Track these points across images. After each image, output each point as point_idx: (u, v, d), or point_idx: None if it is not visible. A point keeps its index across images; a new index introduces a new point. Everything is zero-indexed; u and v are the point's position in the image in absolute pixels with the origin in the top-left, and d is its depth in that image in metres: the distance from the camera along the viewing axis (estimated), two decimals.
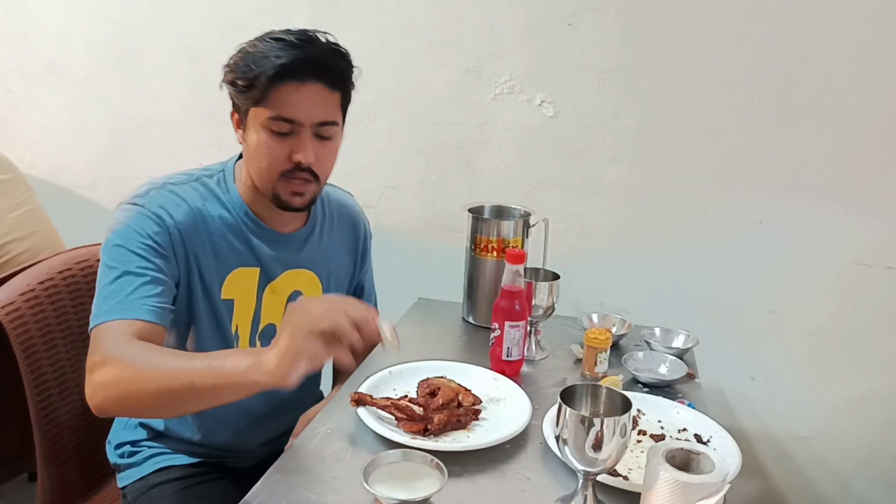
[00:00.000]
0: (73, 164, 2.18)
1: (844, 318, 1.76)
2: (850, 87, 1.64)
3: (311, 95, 1.15)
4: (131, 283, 1.09)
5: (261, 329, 1.30)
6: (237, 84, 1.16)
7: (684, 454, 0.90)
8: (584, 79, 1.76)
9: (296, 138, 1.16)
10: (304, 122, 1.15)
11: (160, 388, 0.98)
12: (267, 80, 1.12)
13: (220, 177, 1.26)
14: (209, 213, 1.21)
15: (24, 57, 2.14)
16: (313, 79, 1.14)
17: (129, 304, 1.07)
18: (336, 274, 1.41)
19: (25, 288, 1.32)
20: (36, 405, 1.30)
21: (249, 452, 1.35)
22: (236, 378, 0.95)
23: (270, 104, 1.14)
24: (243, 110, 1.18)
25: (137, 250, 1.12)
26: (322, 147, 1.19)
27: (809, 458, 1.85)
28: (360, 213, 1.49)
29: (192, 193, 1.21)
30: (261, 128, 1.16)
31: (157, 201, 1.17)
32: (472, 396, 1.21)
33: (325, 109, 1.17)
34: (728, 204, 1.75)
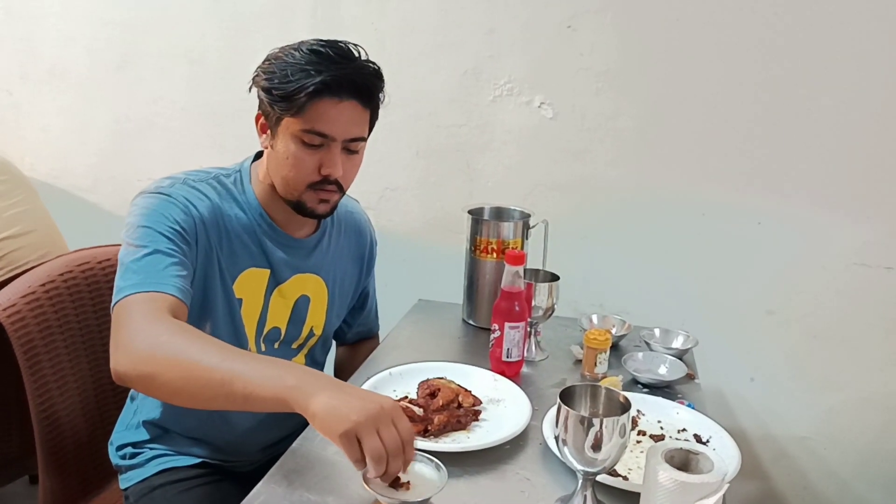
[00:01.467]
0: (74, 166, 2.18)
1: (843, 319, 1.76)
2: (850, 89, 1.64)
3: (346, 112, 1.16)
4: (161, 261, 1.09)
5: (266, 332, 1.30)
6: (273, 93, 1.15)
7: (683, 454, 0.90)
8: (583, 81, 1.77)
9: (326, 152, 1.17)
10: (337, 138, 1.16)
11: (193, 378, 0.95)
12: (307, 96, 1.12)
13: (237, 177, 1.27)
14: (226, 211, 1.22)
15: (25, 59, 2.14)
16: (350, 96, 1.15)
17: (161, 278, 1.06)
18: (342, 281, 1.41)
19: (26, 290, 1.33)
20: (37, 407, 1.30)
21: (250, 456, 1.35)
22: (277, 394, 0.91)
23: (306, 117, 1.14)
24: (274, 118, 1.17)
25: (166, 232, 1.12)
26: (349, 160, 1.20)
27: (808, 458, 1.86)
28: (367, 221, 1.50)
29: (210, 190, 1.22)
30: (292, 138, 1.16)
31: (182, 192, 1.18)
32: (472, 397, 1.22)
33: (357, 126, 1.19)
34: (727, 205, 1.76)
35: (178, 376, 0.96)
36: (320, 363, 1.47)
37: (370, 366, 1.38)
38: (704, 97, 1.71)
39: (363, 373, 1.34)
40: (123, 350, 1.01)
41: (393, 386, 1.27)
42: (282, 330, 1.33)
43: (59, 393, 1.35)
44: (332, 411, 0.88)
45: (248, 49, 1.96)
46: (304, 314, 1.34)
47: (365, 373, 1.33)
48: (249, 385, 0.93)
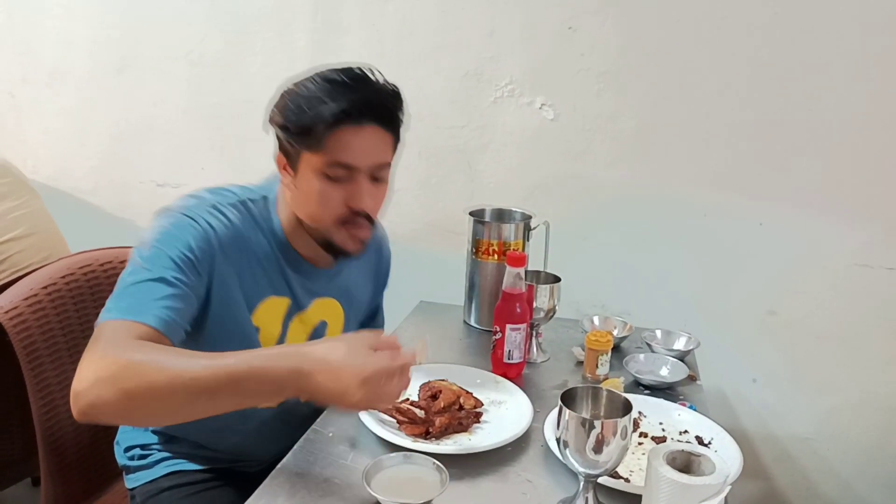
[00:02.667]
0: (75, 168, 2.19)
1: (845, 320, 1.76)
2: (850, 90, 1.64)
3: (368, 139, 1.11)
4: (160, 290, 1.02)
5: None
6: (289, 129, 1.10)
7: (685, 456, 0.90)
8: (584, 82, 1.76)
9: (352, 184, 1.11)
10: (362, 168, 1.11)
11: (176, 386, 0.90)
12: (325, 126, 1.07)
13: (263, 203, 1.21)
14: (250, 239, 1.17)
15: (26, 62, 2.14)
16: (371, 121, 1.10)
17: (149, 308, 0.99)
18: (358, 301, 1.39)
19: (28, 293, 1.33)
20: (39, 409, 1.30)
21: (259, 459, 1.35)
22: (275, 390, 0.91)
23: (326, 149, 1.08)
24: (295, 155, 1.12)
25: (176, 259, 1.06)
26: (376, 189, 1.15)
27: (810, 459, 1.85)
28: (385, 238, 1.46)
29: (235, 216, 1.16)
30: (315, 174, 1.10)
31: (206, 217, 1.12)
32: (474, 399, 1.22)
33: (381, 152, 1.14)
34: (728, 206, 1.76)
35: (161, 388, 0.90)
36: None
37: None
38: (705, 98, 1.71)
39: None
40: (82, 380, 0.92)
41: None
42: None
43: (61, 395, 1.35)
44: (336, 398, 0.91)
45: (249, 51, 1.97)
46: (321, 338, 1.32)
47: None
48: (242, 387, 0.91)
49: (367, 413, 1.15)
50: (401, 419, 1.14)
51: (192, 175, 2.11)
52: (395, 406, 1.15)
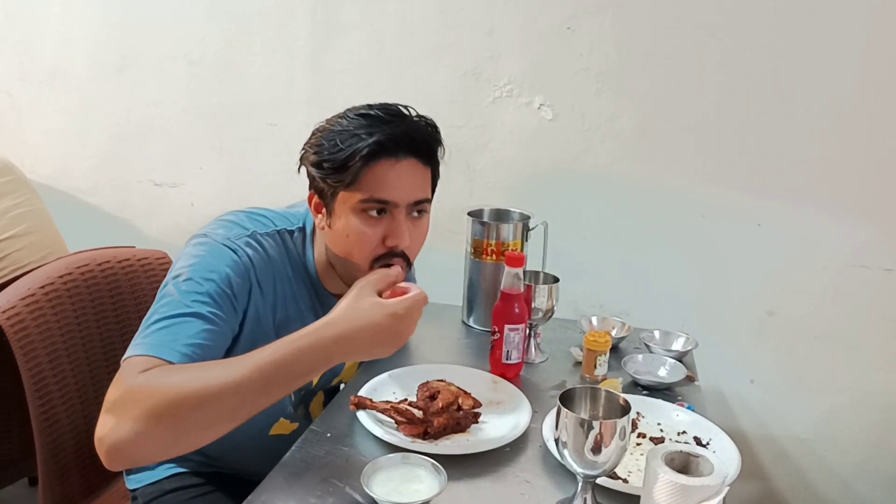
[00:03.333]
0: (75, 168, 2.18)
1: (843, 320, 1.76)
2: (848, 90, 1.64)
3: (406, 173, 1.08)
4: (195, 326, 0.98)
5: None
6: (324, 166, 1.07)
7: (683, 457, 0.90)
8: (583, 82, 1.76)
9: (390, 220, 1.08)
10: (400, 203, 1.08)
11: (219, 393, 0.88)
12: (361, 161, 1.04)
13: (300, 237, 1.19)
14: (282, 273, 1.15)
15: (25, 62, 2.14)
16: (408, 154, 1.08)
17: (178, 347, 0.95)
18: None
19: (26, 292, 1.33)
20: (37, 409, 1.30)
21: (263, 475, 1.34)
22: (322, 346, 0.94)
23: (363, 185, 1.06)
24: (329, 194, 1.09)
25: (214, 294, 1.03)
26: (415, 227, 1.12)
27: (809, 459, 1.85)
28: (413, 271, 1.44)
29: (273, 248, 1.14)
30: (351, 212, 1.08)
31: (248, 252, 1.09)
32: (472, 400, 1.22)
33: (419, 188, 1.11)
34: (727, 206, 1.76)
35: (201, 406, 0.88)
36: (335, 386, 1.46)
37: (370, 368, 1.38)
38: (704, 98, 1.71)
39: (363, 376, 1.34)
40: (106, 415, 0.88)
41: (392, 388, 1.27)
42: (314, 382, 1.30)
43: (59, 395, 1.35)
44: (382, 344, 0.98)
45: (248, 51, 1.97)
46: (338, 370, 1.33)
47: (364, 375, 1.33)
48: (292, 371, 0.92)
49: (365, 413, 1.15)
50: (399, 419, 1.14)
51: (190, 175, 2.11)
52: (393, 406, 1.15)
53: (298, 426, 1.30)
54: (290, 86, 1.94)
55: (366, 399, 1.16)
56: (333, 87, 1.91)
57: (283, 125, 1.97)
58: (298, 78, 1.92)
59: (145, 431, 0.86)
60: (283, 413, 1.27)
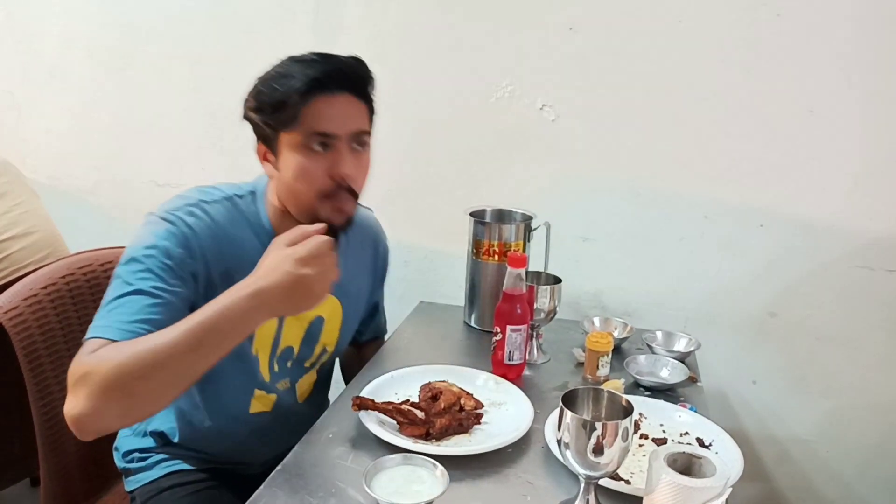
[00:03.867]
0: (76, 168, 2.18)
1: (846, 321, 1.76)
2: (851, 90, 1.64)
3: (342, 106, 1.12)
4: (137, 303, 1.04)
5: (279, 352, 1.29)
6: (264, 110, 1.12)
7: (686, 458, 0.90)
8: (585, 82, 1.76)
9: (333, 153, 1.12)
10: (341, 134, 1.12)
11: (158, 359, 0.94)
12: (299, 97, 1.09)
13: (251, 198, 1.22)
14: (237, 236, 1.18)
15: (26, 61, 2.14)
16: (343, 90, 1.12)
17: (128, 326, 1.01)
18: (356, 297, 1.39)
19: (28, 293, 1.33)
20: (38, 409, 1.30)
21: (256, 462, 1.35)
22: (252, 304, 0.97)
23: (303, 122, 1.10)
24: (273, 138, 1.14)
25: (155, 268, 1.07)
26: (357, 160, 1.15)
27: (811, 461, 1.85)
28: (381, 232, 1.46)
29: (222, 214, 1.17)
30: (295, 150, 1.12)
31: (187, 220, 1.12)
32: (474, 400, 1.22)
33: (358, 119, 1.15)
34: (729, 208, 1.75)
35: (140, 366, 0.94)
36: (329, 370, 1.47)
37: (372, 368, 1.38)
38: (706, 99, 1.71)
39: (365, 375, 1.34)
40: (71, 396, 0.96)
41: (395, 389, 1.27)
42: (294, 349, 1.31)
43: (60, 395, 1.35)
44: (297, 293, 0.98)
45: (250, 51, 1.96)
46: (317, 334, 1.33)
47: (367, 376, 1.33)
48: (221, 331, 0.96)
49: (367, 414, 1.15)
50: (401, 420, 1.14)
51: (192, 175, 2.11)
52: (395, 407, 1.15)
53: (278, 399, 1.31)
54: None
55: (368, 400, 1.16)
56: None
57: None
58: None
59: (98, 405, 0.94)
60: (254, 384, 1.27)
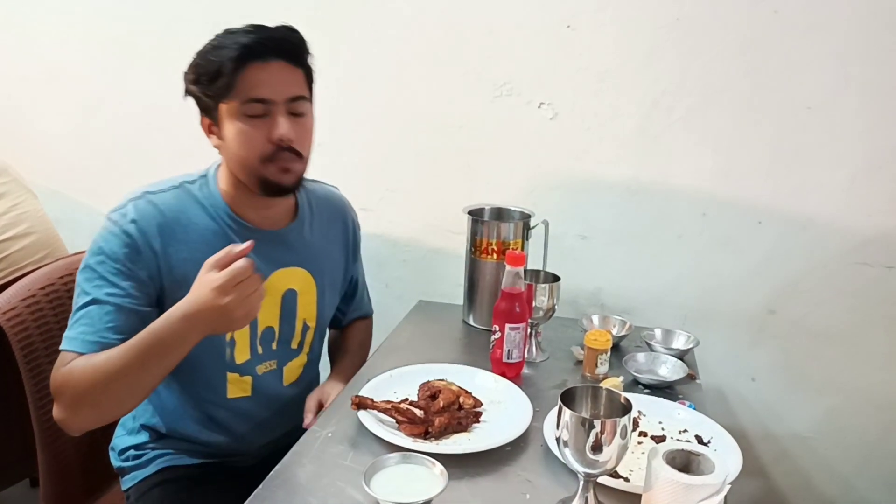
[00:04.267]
0: (74, 168, 2.18)
1: (845, 318, 1.76)
2: (849, 86, 1.64)
3: (276, 73, 1.16)
4: (97, 313, 1.12)
5: (260, 333, 1.30)
6: (201, 81, 1.17)
7: (685, 455, 0.90)
8: (583, 81, 1.76)
9: (270, 119, 1.16)
10: (277, 100, 1.16)
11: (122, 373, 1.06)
12: (232, 65, 1.13)
13: (203, 181, 1.26)
14: (191, 220, 1.21)
15: (25, 61, 2.14)
16: (275, 57, 1.16)
17: (94, 336, 1.11)
18: (330, 271, 1.41)
19: (27, 293, 1.33)
20: (37, 410, 1.30)
21: (251, 454, 1.36)
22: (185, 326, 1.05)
23: (239, 91, 1.14)
24: (213, 108, 1.18)
25: (106, 275, 1.14)
26: (297, 124, 1.19)
27: (810, 458, 1.85)
28: (348, 206, 1.49)
29: (172, 202, 1.20)
30: (235, 117, 1.16)
31: (132, 216, 1.16)
32: (473, 399, 1.22)
33: (293, 85, 1.18)
34: (727, 205, 1.75)
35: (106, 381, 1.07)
36: (317, 358, 1.47)
37: (371, 368, 1.38)
38: (704, 96, 1.71)
39: (364, 375, 1.34)
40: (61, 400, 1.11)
41: (393, 388, 1.27)
42: (276, 329, 1.32)
43: None
44: (220, 319, 1.03)
45: None
46: (293, 308, 1.34)
47: (366, 374, 1.33)
48: (162, 347, 1.06)
49: (366, 413, 1.15)
50: (400, 419, 1.14)
51: None
52: (394, 406, 1.15)
53: (256, 382, 1.32)
54: None
55: (367, 398, 1.16)
56: (331, 86, 1.90)
57: None
58: None
59: (74, 413, 1.10)
60: (225, 367, 1.28)
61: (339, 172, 1.93)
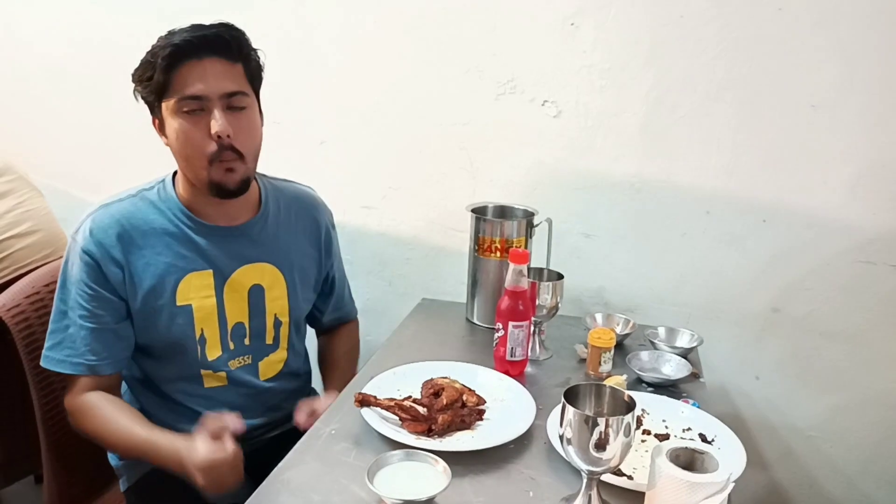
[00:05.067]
0: (80, 167, 2.18)
1: (849, 317, 1.75)
2: (854, 84, 1.63)
3: (211, 70, 1.17)
4: (76, 334, 1.21)
5: (230, 329, 1.31)
6: (143, 83, 1.19)
7: (689, 453, 0.90)
8: (586, 78, 1.76)
9: (208, 115, 1.17)
10: (211, 96, 1.16)
11: (117, 448, 1.27)
12: (165, 62, 1.14)
13: (160, 186, 1.29)
14: (149, 225, 1.24)
15: (27, 61, 2.14)
16: (209, 54, 1.17)
17: (78, 359, 1.21)
18: (300, 267, 1.41)
19: (30, 290, 1.33)
20: (41, 407, 1.31)
21: (244, 444, 1.37)
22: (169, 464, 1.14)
23: (174, 88, 1.16)
24: (157, 108, 1.20)
25: (77, 297, 1.20)
26: (237, 120, 1.19)
27: (814, 456, 1.85)
28: (320, 204, 1.49)
29: (130, 210, 1.24)
30: (174, 116, 1.18)
31: (90, 231, 1.21)
32: (476, 397, 1.22)
33: (228, 81, 1.19)
34: (731, 202, 1.75)
35: (108, 445, 1.27)
36: (302, 353, 1.48)
37: (374, 365, 1.38)
38: (708, 94, 1.71)
39: (367, 372, 1.34)
40: (70, 414, 1.26)
41: (397, 385, 1.27)
42: (245, 325, 1.33)
43: (63, 393, 1.34)
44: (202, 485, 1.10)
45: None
46: (261, 304, 1.34)
47: (369, 372, 1.33)
48: (148, 458, 1.19)
49: (370, 410, 1.15)
50: (403, 416, 1.14)
51: None
52: (397, 403, 1.15)
53: (230, 376, 1.34)
54: (290, 82, 1.93)
55: (370, 396, 1.16)
56: (335, 84, 1.91)
57: (287, 122, 1.97)
58: (299, 74, 1.92)
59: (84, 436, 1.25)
60: (199, 366, 1.31)
61: (341, 170, 1.93)
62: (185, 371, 1.30)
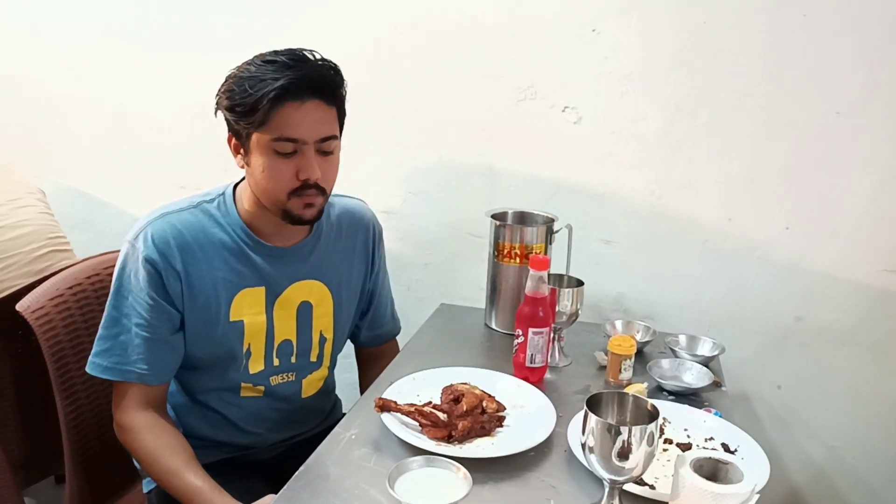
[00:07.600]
0: (103, 169, 2.20)
1: (872, 326, 1.73)
2: (878, 91, 1.61)
3: (311, 113, 1.17)
4: (127, 341, 1.21)
5: (276, 346, 1.32)
6: (236, 110, 1.17)
7: (712, 464, 0.89)
8: (607, 84, 1.75)
9: (300, 157, 1.17)
10: (308, 140, 1.17)
11: (160, 481, 1.21)
12: (269, 103, 1.13)
13: (220, 200, 1.28)
14: (209, 239, 1.24)
15: (53, 63, 2.16)
16: (312, 96, 1.16)
17: (127, 367, 1.21)
18: (347, 282, 1.41)
19: (54, 293, 1.34)
20: (64, 408, 1.32)
21: (267, 449, 1.38)
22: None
23: (272, 126, 1.15)
24: (244, 135, 1.19)
25: (136, 306, 1.20)
26: (325, 162, 1.21)
27: (837, 467, 1.82)
28: (369, 217, 1.47)
29: (190, 221, 1.24)
30: (265, 151, 1.17)
31: (152, 239, 1.20)
32: (496, 403, 1.21)
33: (325, 126, 1.19)
34: (754, 210, 1.73)
35: (150, 473, 1.23)
36: (335, 363, 1.48)
37: (393, 370, 1.38)
38: (729, 100, 1.69)
39: (386, 377, 1.34)
40: (118, 427, 1.25)
41: (416, 391, 1.27)
42: (293, 342, 1.34)
43: (85, 394, 1.36)
44: None
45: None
46: (308, 320, 1.35)
47: (388, 377, 1.33)
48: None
49: (390, 415, 1.15)
50: (423, 422, 1.14)
51: (216, 177, 2.10)
52: (417, 409, 1.15)
53: (269, 391, 1.35)
54: None
55: (390, 401, 1.16)
56: (355, 89, 1.91)
57: None
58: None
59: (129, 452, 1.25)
60: (241, 380, 1.32)
61: (362, 175, 1.93)
62: (225, 383, 1.31)
